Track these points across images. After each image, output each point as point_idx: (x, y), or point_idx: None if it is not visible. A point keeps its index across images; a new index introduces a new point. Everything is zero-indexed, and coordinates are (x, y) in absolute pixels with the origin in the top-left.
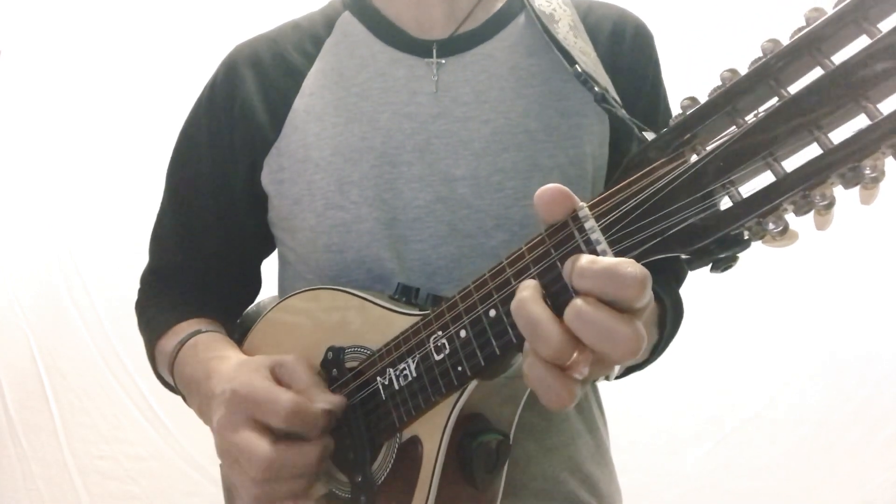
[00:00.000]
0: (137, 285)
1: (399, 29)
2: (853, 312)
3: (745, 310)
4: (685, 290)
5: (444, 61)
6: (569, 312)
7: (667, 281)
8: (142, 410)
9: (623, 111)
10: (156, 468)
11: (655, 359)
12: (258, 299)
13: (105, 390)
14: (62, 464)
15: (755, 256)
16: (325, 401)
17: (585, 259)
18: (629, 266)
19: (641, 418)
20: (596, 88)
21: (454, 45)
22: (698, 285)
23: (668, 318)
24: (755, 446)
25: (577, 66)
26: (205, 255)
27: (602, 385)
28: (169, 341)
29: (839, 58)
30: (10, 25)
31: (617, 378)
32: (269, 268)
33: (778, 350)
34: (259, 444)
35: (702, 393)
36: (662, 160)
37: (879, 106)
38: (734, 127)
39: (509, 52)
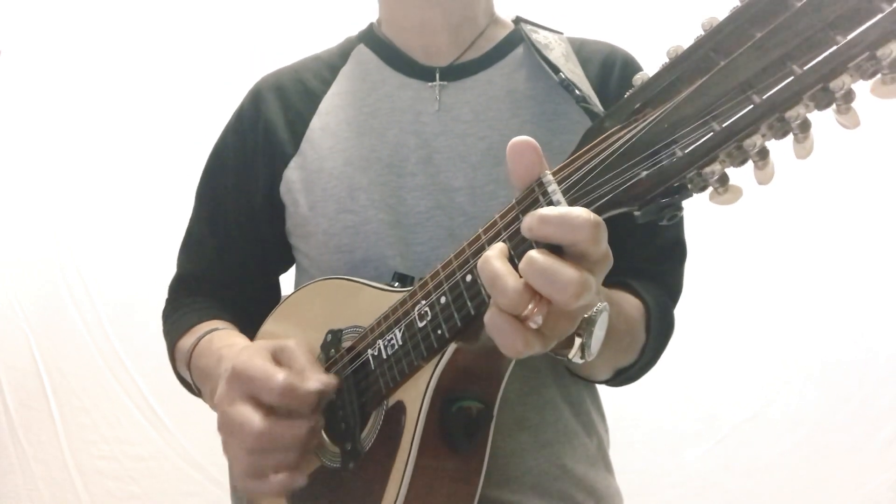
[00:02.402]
0: (138, 285)
1: (407, 57)
2: (852, 313)
3: (743, 310)
4: (685, 290)
5: (446, 84)
6: (522, 263)
7: (659, 293)
8: (142, 410)
9: (603, 110)
10: (156, 468)
11: (644, 363)
12: None
13: (105, 390)
14: (62, 464)
15: (755, 256)
16: (318, 380)
17: (543, 209)
18: (582, 212)
19: (640, 418)
20: (577, 92)
21: (457, 71)
22: (698, 286)
23: (653, 322)
24: (754, 446)
25: (560, 73)
26: (228, 265)
27: (601, 385)
28: (187, 340)
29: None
30: (10, 25)
31: (608, 383)
32: (287, 284)
33: (777, 350)
34: (252, 416)
35: (701, 393)
36: (616, 127)
37: (806, 67)
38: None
39: (508, 78)
